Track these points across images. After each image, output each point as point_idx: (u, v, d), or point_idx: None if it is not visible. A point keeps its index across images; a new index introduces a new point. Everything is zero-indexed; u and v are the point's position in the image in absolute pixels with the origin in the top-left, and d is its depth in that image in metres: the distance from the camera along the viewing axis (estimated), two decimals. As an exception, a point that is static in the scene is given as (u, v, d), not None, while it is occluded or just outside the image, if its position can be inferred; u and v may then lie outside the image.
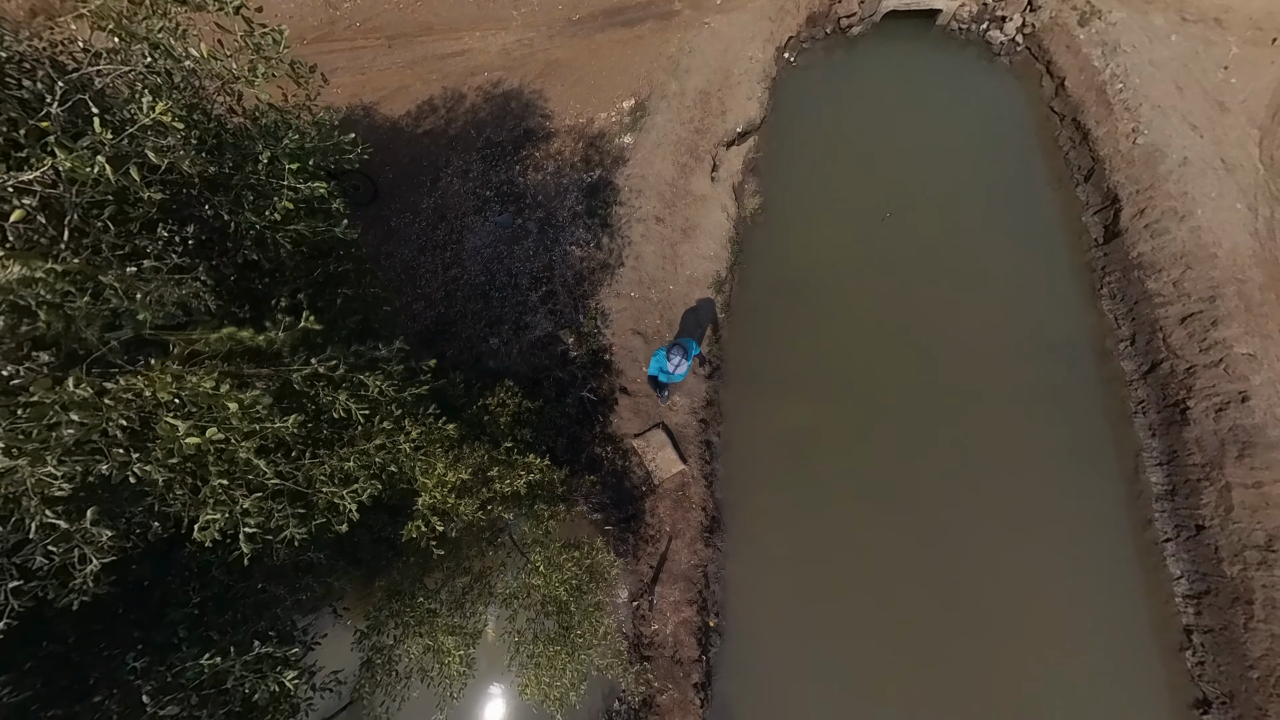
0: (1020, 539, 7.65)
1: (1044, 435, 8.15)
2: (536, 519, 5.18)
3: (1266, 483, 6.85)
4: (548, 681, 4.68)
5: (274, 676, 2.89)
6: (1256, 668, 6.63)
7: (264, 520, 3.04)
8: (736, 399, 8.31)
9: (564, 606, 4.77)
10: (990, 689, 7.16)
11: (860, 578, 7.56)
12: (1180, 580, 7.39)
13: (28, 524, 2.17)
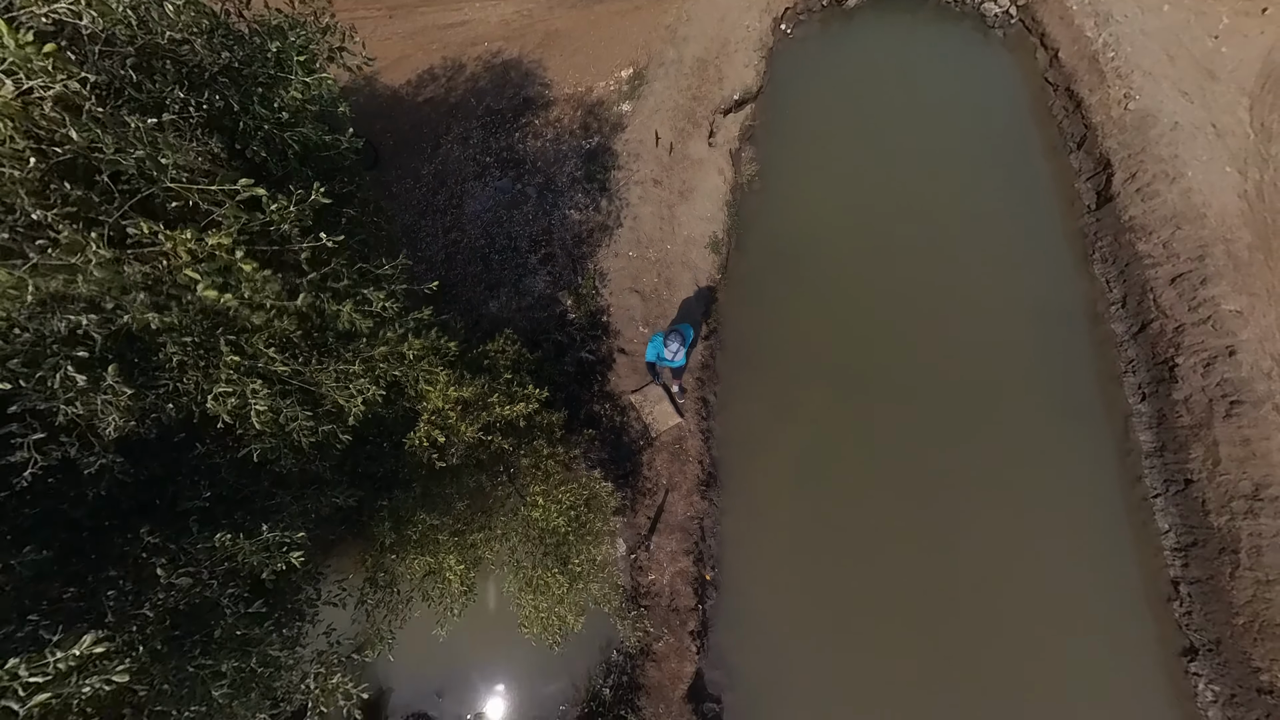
0: (1012, 496, 7.77)
1: (1036, 397, 8.27)
2: (535, 455, 5.30)
3: (1254, 437, 6.98)
4: (546, 608, 4.79)
5: (281, 556, 3.00)
6: (1242, 614, 6.75)
7: (273, 415, 3.15)
8: (732, 362, 8.42)
9: (563, 537, 4.88)
10: (983, 644, 7.27)
11: (854, 534, 7.68)
12: (1168, 534, 7.51)
13: (53, 379, 2.28)
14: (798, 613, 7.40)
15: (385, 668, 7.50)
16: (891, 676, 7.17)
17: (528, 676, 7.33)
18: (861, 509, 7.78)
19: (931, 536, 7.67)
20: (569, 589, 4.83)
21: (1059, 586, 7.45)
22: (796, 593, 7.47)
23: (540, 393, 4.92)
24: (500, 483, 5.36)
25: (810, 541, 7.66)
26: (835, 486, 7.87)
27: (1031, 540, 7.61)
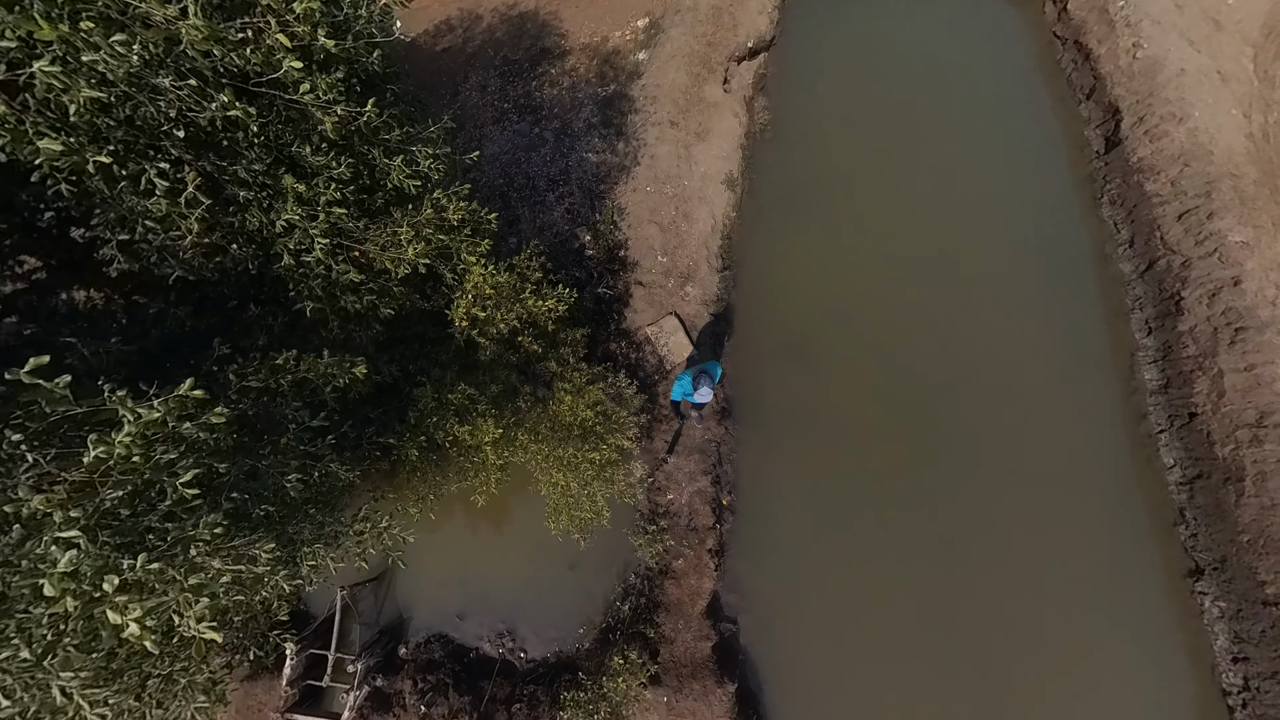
0: (1018, 435, 7.91)
1: (1044, 338, 8.40)
2: (562, 362, 5.45)
3: (1258, 364, 7.12)
4: (575, 490, 4.94)
5: (344, 371, 3.16)
6: (1247, 532, 6.90)
7: (327, 266, 3.30)
8: (746, 302, 8.57)
9: (590, 428, 5.02)
10: (993, 574, 7.43)
11: (867, 466, 7.83)
12: (1173, 469, 7.66)
13: (138, 183, 2.41)
14: (814, 542, 7.55)
15: (407, 591, 7.69)
16: (902, 606, 7.32)
17: (546, 600, 7.48)
18: (872, 443, 7.93)
19: (941, 475, 7.81)
20: (597, 473, 4.98)
21: (1067, 523, 7.60)
22: (812, 522, 7.62)
23: (569, 293, 5.06)
24: (530, 383, 5.51)
25: (825, 474, 7.81)
26: (848, 422, 8.02)
27: (1039, 477, 7.76)
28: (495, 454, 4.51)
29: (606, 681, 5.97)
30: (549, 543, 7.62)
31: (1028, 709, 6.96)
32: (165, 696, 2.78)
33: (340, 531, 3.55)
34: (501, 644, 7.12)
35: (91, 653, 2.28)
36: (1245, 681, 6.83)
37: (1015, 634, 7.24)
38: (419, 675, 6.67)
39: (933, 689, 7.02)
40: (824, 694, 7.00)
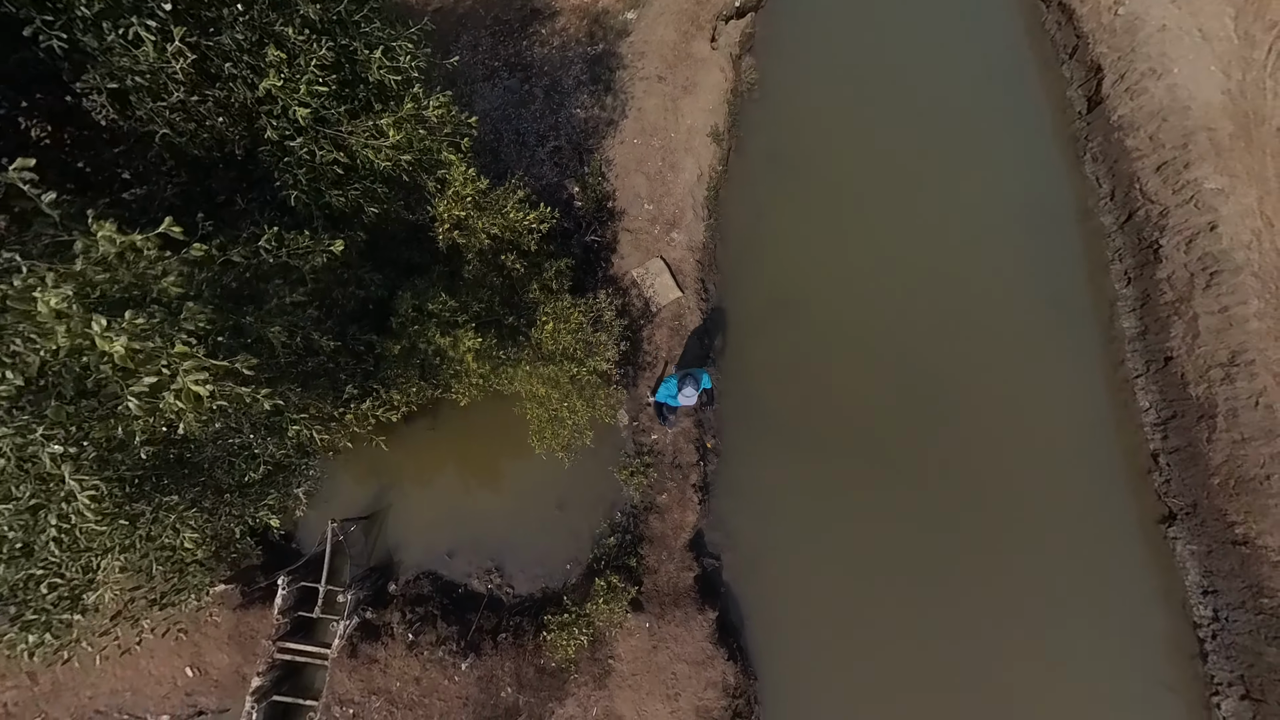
0: (1001, 386, 8.05)
1: (1027, 291, 8.55)
2: (545, 289, 5.59)
3: (1231, 304, 7.27)
4: (557, 401, 5.07)
5: (322, 248, 3.31)
6: (1218, 474, 7.06)
7: (310, 151, 3.44)
8: (733, 255, 8.71)
9: (571, 354, 5.16)
10: (971, 520, 7.58)
11: (849, 416, 7.98)
12: (1149, 411, 7.82)
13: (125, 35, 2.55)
14: (796, 487, 7.69)
15: (398, 532, 7.84)
16: (881, 549, 7.47)
17: (534, 539, 7.63)
18: (855, 392, 8.08)
19: (922, 425, 7.95)
20: (579, 391, 5.12)
21: (1045, 468, 7.75)
22: (795, 469, 7.77)
23: (550, 212, 5.19)
24: (513, 313, 5.65)
25: (808, 421, 7.96)
26: (831, 371, 8.16)
27: (1019, 425, 7.91)
28: (476, 365, 4.65)
29: (589, 605, 6.13)
30: (538, 484, 7.82)
31: (1003, 645, 7.12)
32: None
33: (327, 412, 3.70)
34: (489, 580, 7.27)
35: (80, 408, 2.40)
36: (1215, 614, 7.00)
37: (992, 577, 7.40)
38: (408, 608, 6.82)
39: (910, 629, 7.18)
40: (804, 630, 7.16)
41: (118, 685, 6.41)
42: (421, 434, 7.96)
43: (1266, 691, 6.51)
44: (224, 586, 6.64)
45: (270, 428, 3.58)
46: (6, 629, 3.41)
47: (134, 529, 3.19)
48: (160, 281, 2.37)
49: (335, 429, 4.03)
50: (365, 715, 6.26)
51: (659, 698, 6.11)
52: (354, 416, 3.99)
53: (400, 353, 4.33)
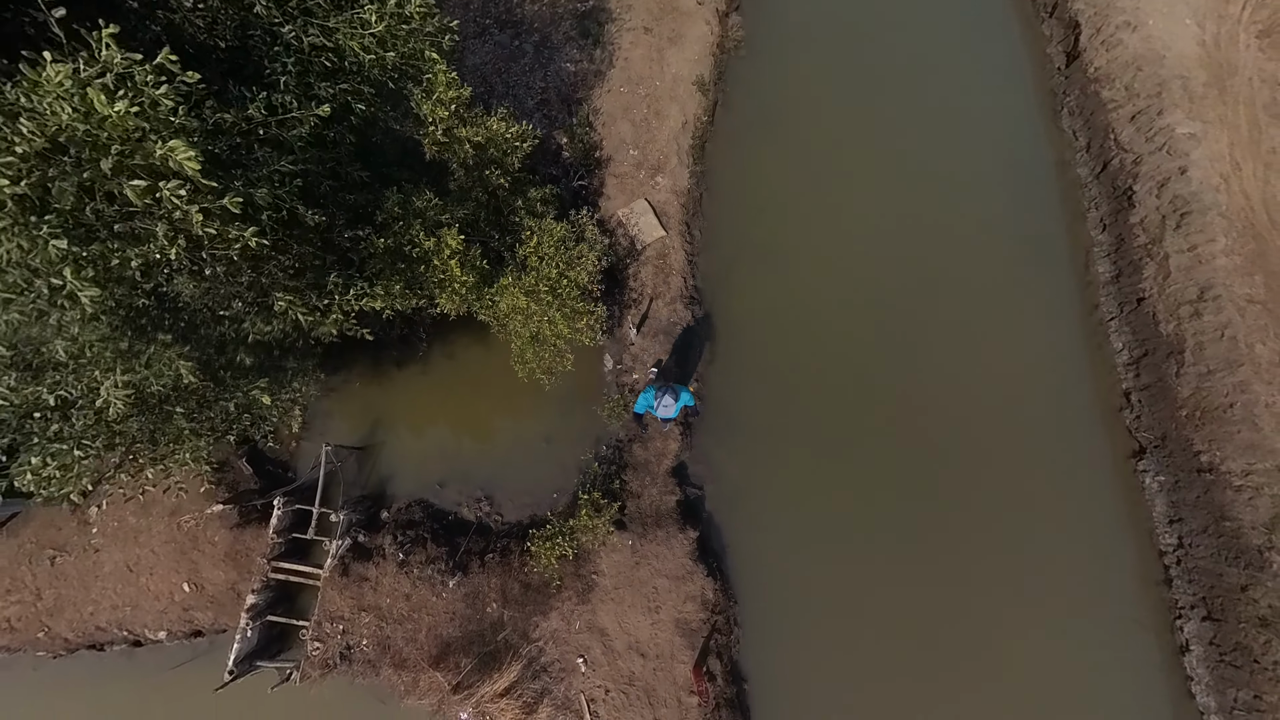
0: (979, 331, 8.25)
1: (1006, 243, 8.74)
2: (530, 212, 5.80)
3: (1200, 243, 7.47)
4: (539, 317, 5.28)
5: (309, 115, 3.51)
6: (1185, 407, 7.27)
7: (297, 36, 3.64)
8: (717, 208, 8.91)
9: (555, 281, 5.35)
10: (949, 456, 7.78)
11: (829, 360, 8.19)
12: (1122, 352, 8.03)
13: None
14: (776, 429, 7.91)
15: (390, 463, 8.06)
16: (859, 486, 7.69)
17: (522, 471, 7.85)
18: (835, 336, 8.29)
19: (902, 370, 8.16)
20: (559, 308, 5.33)
21: (1020, 410, 7.96)
22: (775, 410, 7.98)
23: (533, 129, 5.40)
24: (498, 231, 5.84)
25: (789, 365, 8.17)
26: (812, 317, 8.37)
27: (995, 370, 8.11)
28: (460, 272, 4.85)
29: (573, 520, 6.35)
30: (526, 421, 8.05)
31: (980, 576, 7.34)
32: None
33: (313, 303, 3.88)
34: (479, 508, 7.50)
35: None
36: (1179, 540, 7.22)
37: (967, 513, 7.60)
38: (398, 531, 7.05)
39: (888, 559, 7.40)
40: (784, 559, 7.38)
41: (118, 601, 6.65)
42: (413, 374, 8.20)
43: (1226, 611, 6.73)
44: (220, 507, 6.87)
45: (260, 306, 3.77)
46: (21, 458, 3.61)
47: (133, 352, 3.33)
48: (156, 100, 2.58)
49: (321, 319, 4.22)
50: (355, 630, 6.49)
51: (640, 610, 6.33)
52: (338, 307, 4.19)
53: (385, 251, 4.53)
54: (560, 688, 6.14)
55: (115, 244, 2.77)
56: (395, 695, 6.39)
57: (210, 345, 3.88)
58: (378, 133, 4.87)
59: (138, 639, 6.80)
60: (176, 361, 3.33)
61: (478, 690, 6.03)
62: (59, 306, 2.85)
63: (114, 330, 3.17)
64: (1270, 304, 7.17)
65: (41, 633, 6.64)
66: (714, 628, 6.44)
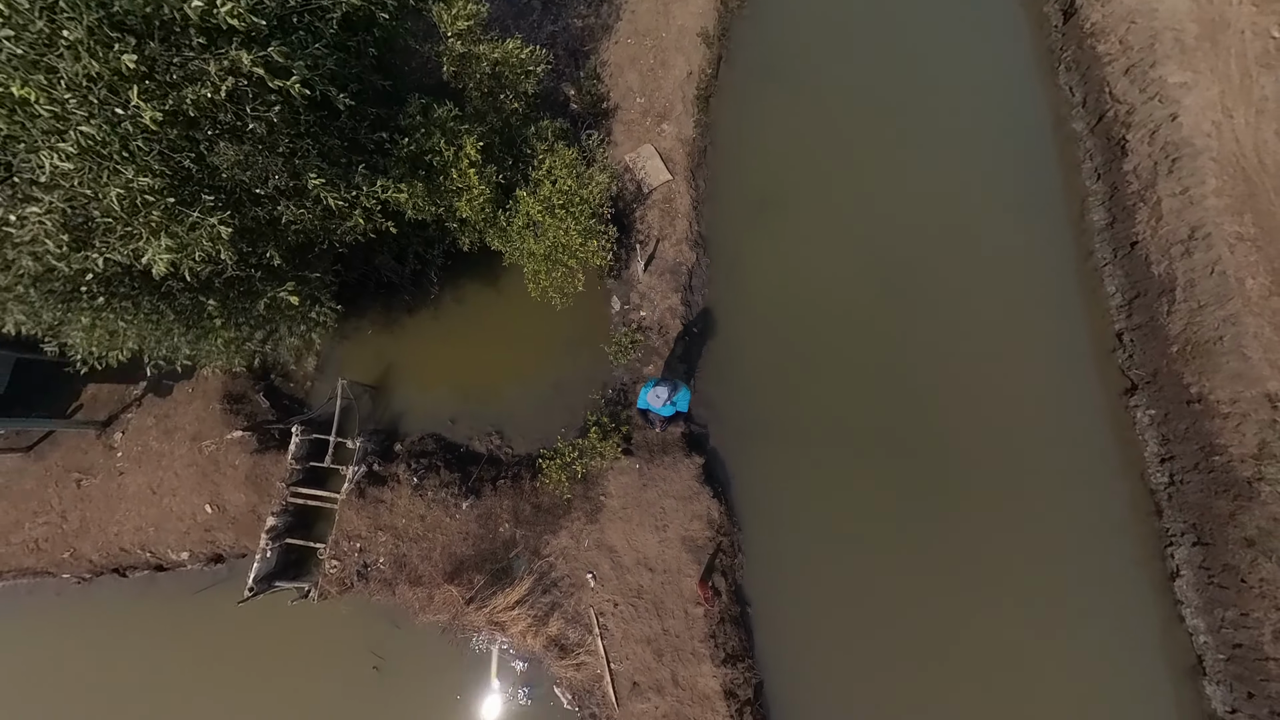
0: (977, 280, 8.46)
1: (1004, 195, 8.95)
2: (540, 136, 6.02)
3: (1191, 185, 7.68)
4: (555, 234, 5.49)
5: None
6: (1176, 343, 7.48)
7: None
8: (721, 160, 9.13)
9: (568, 200, 5.57)
10: (949, 400, 8.00)
11: (831, 304, 8.41)
12: (1115, 295, 8.24)
13: None
14: (778, 371, 8.13)
15: (403, 402, 8.28)
16: (864, 422, 7.92)
17: (532, 412, 8.07)
18: (837, 282, 8.51)
19: (902, 311, 8.39)
20: (577, 228, 5.53)
21: (1017, 354, 8.17)
22: (777, 353, 8.20)
23: (544, 53, 5.60)
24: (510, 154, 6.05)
25: (791, 309, 8.39)
26: (813, 263, 8.59)
27: (993, 316, 8.33)
28: (478, 181, 5.06)
29: (582, 441, 6.57)
30: (537, 361, 8.26)
31: (974, 513, 7.55)
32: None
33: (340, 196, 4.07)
34: (490, 442, 7.72)
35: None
36: (1170, 478, 7.43)
37: (965, 453, 7.82)
38: (413, 460, 7.26)
39: (886, 494, 7.61)
40: (788, 493, 7.59)
41: (141, 522, 6.87)
42: (425, 319, 8.42)
43: (1215, 536, 6.94)
44: (240, 433, 7.09)
45: (294, 190, 3.97)
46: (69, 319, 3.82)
47: (178, 213, 3.52)
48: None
49: (349, 209, 4.41)
50: (372, 549, 6.71)
51: (648, 529, 6.55)
52: (365, 198, 4.38)
53: (408, 157, 4.74)
54: (570, 602, 6.36)
55: (174, 74, 2.97)
56: (411, 613, 6.61)
57: (246, 230, 4.08)
58: (397, 55, 5.06)
59: (160, 562, 7.02)
60: (217, 227, 3.52)
61: (490, 603, 6.25)
62: (120, 136, 3.04)
63: (163, 182, 3.37)
64: (1259, 241, 7.38)
65: (67, 553, 6.87)
66: (719, 548, 6.65)
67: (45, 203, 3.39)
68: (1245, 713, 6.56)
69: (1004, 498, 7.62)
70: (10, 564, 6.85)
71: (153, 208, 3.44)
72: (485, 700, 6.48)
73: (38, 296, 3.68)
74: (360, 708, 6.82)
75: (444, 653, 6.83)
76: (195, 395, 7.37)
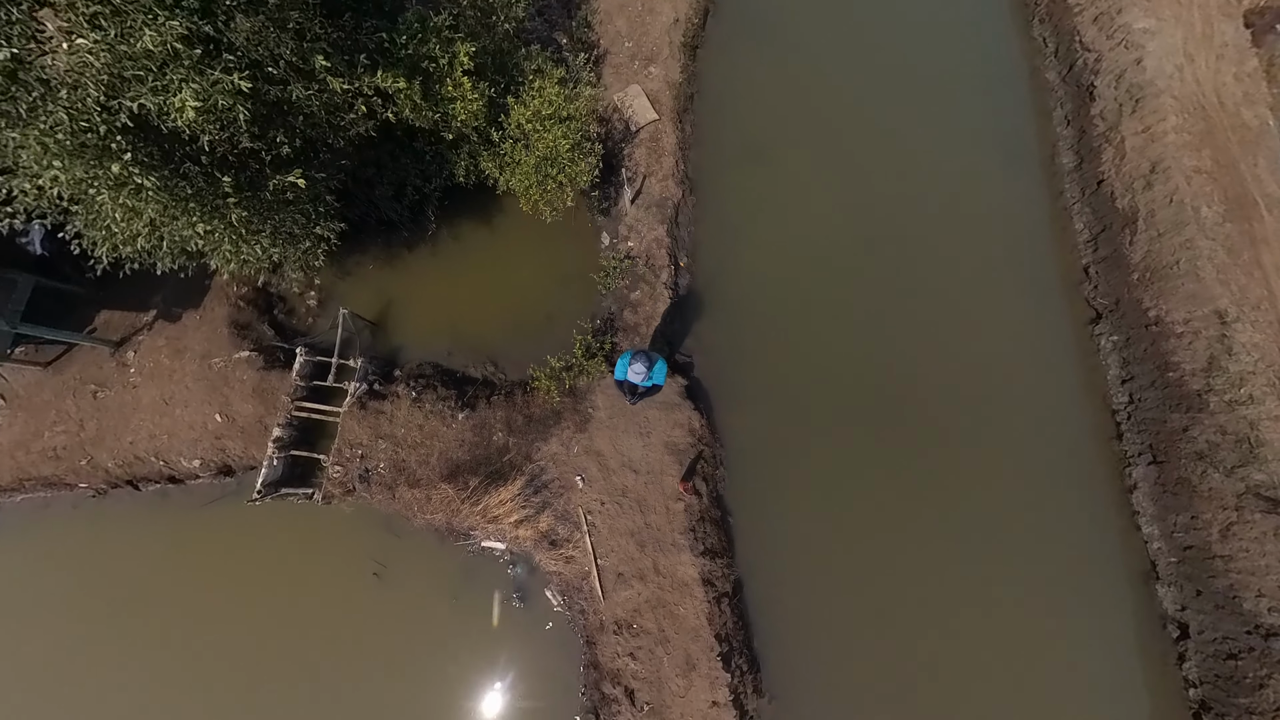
0: (953, 222, 8.85)
1: (980, 141, 9.35)
2: (529, 59, 6.39)
3: (1153, 123, 8.07)
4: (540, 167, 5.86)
5: None
6: (1136, 270, 7.88)
7: None
8: (708, 106, 9.52)
9: (558, 111, 5.93)
10: (924, 327, 8.40)
11: (812, 246, 8.80)
12: (1082, 231, 8.64)
13: None
14: (762, 300, 8.52)
15: (402, 334, 8.66)
16: (845, 354, 8.30)
17: (525, 341, 8.45)
18: (820, 225, 8.90)
19: (879, 248, 8.78)
20: (565, 139, 5.90)
21: (990, 289, 8.57)
22: (759, 290, 8.59)
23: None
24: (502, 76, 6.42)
25: (774, 249, 8.78)
26: (798, 210, 8.98)
27: (967, 254, 8.72)
28: (471, 88, 5.42)
29: (569, 355, 6.97)
30: (529, 296, 8.63)
31: (947, 438, 7.94)
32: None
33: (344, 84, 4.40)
34: (485, 369, 8.10)
35: None
36: (1130, 397, 7.84)
37: (940, 385, 8.20)
38: (411, 380, 7.65)
39: (862, 412, 8.01)
40: (763, 419, 7.98)
41: (155, 430, 7.26)
42: (423, 255, 8.79)
43: (1169, 452, 7.35)
44: (247, 353, 7.48)
45: (302, 72, 4.32)
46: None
47: (203, 67, 3.86)
48: None
49: (352, 96, 4.77)
50: (373, 455, 7.11)
51: (633, 435, 6.94)
52: (367, 87, 4.72)
53: (405, 59, 5.10)
54: (560, 502, 6.76)
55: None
56: (410, 514, 7.01)
57: (258, 116, 4.41)
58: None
59: (173, 472, 7.41)
60: (237, 83, 3.87)
61: (484, 500, 6.65)
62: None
63: (192, 34, 3.71)
64: (1215, 174, 7.77)
65: (85, 460, 7.25)
66: (700, 455, 7.05)
67: (92, 39, 3.71)
68: (1194, 609, 6.98)
69: (975, 423, 8.00)
70: (30, 471, 7.24)
71: (181, 59, 3.80)
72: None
73: (73, 147, 4.00)
74: (361, 611, 7.22)
75: (441, 559, 7.24)
76: (203, 321, 7.75)
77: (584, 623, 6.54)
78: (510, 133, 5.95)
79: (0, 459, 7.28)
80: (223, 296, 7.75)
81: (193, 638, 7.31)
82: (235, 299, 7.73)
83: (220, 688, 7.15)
